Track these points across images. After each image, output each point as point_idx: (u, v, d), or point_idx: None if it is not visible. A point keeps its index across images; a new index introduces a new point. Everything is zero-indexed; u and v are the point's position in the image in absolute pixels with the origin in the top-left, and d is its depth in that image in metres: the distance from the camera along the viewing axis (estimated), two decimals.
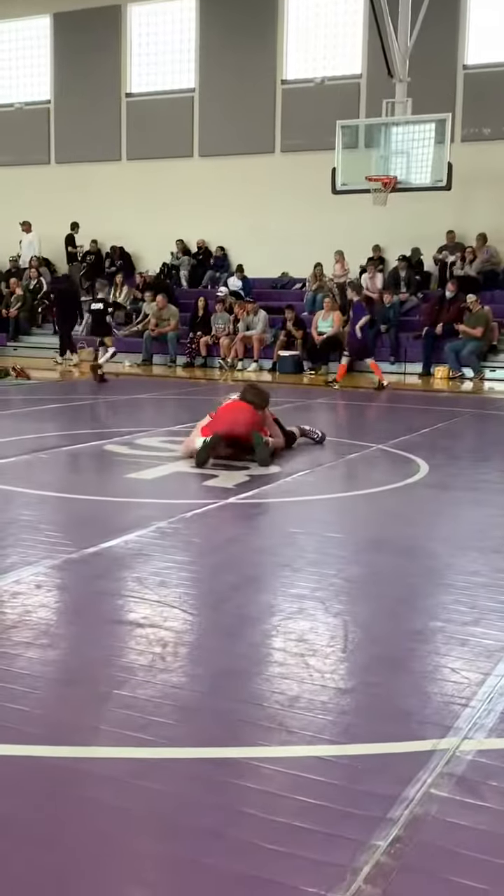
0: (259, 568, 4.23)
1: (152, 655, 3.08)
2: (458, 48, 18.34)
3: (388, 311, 16.90)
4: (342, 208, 17.32)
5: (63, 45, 22.09)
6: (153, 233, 20.97)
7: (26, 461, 6.95)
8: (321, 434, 7.92)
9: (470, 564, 4.38)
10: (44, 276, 20.73)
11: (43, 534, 4.67)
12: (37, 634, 3.26)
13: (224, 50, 20.25)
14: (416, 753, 2.45)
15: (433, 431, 9.21)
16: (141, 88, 21.52)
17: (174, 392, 13.10)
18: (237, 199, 20.09)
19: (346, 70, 19.43)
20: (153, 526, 4.88)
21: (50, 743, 2.48)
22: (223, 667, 3.02)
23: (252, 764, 2.39)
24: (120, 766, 2.38)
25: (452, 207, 17.50)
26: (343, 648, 3.22)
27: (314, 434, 7.91)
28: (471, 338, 15.42)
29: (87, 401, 11.75)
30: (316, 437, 7.89)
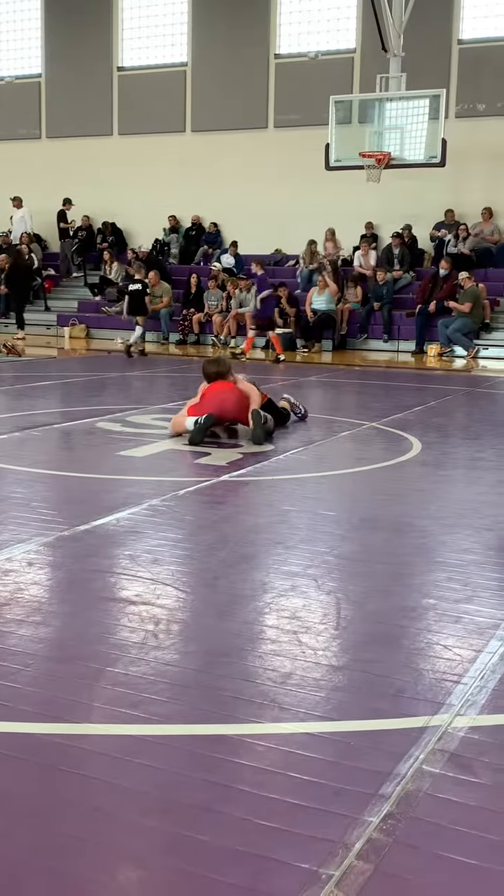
0: (252, 546, 4.23)
1: (145, 633, 3.08)
2: (453, 23, 18.18)
3: (382, 288, 16.85)
4: (336, 185, 17.23)
5: (54, 17, 21.83)
6: (145, 209, 20.85)
7: (18, 438, 6.93)
8: (304, 410, 7.87)
9: (462, 542, 4.39)
10: (35, 253, 20.58)
11: (35, 511, 4.66)
12: (29, 612, 3.25)
13: (217, 24, 20.04)
14: (409, 730, 2.46)
15: (426, 409, 9.21)
16: (133, 63, 21.31)
17: (166, 369, 13.06)
18: (230, 175, 19.95)
19: (340, 45, 19.26)
20: (146, 503, 4.88)
21: (43, 720, 2.48)
22: (216, 644, 3.02)
23: (245, 741, 2.39)
24: (113, 742, 2.38)
25: (446, 184, 17.42)
26: (336, 626, 3.22)
27: (298, 410, 7.86)
28: (460, 314, 15.41)
29: (79, 378, 11.71)
30: (299, 413, 7.84)
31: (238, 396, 6.99)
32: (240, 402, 6.96)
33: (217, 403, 6.91)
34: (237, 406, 6.95)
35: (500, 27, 17.90)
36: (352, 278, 17.56)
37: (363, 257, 18.01)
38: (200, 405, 6.93)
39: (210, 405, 6.88)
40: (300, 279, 18.26)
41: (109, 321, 18.72)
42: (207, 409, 6.85)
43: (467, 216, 17.81)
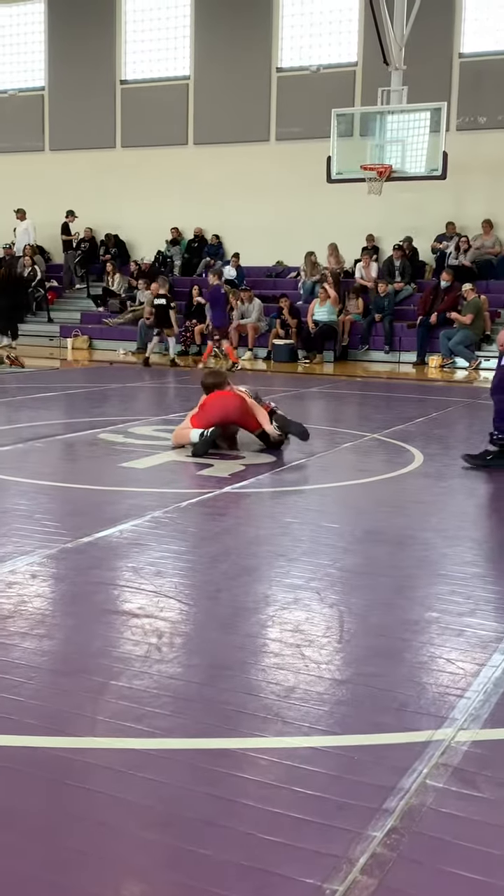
0: (254, 558, 4.24)
1: (148, 646, 3.08)
2: (454, 36, 18.28)
3: (383, 300, 16.89)
4: (337, 197, 17.28)
5: (57, 31, 21.95)
6: (148, 221, 20.92)
7: (21, 450, 6.94)
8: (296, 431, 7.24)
9: (465, 554, 4.39)
10: (38, 265, 20.66)
11: (38, 523, 4.67)
12: (32, 624, 3.26)
13: (219, 37, 20.15)
14: (412, 744, 2.46)
15: (428, 421, 9.22)
16: (136, 76, 21.42)
17: (168, 380, 13.08)
18: (232, 187, 20.02)
19: (341, 58, 19.36)
20: (148, 515, 4.88)
21: (47, 734, 2.48)
22: (219, 657, 3.02)
23: (248, 755, 2.39)
24: (117, 756, 2.38)
25: (448, 196, 17.48)
26: (339, 639, 3.22)
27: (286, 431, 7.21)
28: (462, 326, 15.44)
29: (82, 389, 11.73)
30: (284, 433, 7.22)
31: (239, 402, 7.00)
32: (242, 407, 6.97)
33: (220, 409, 6.93)
34: (239, 411, 6.96)
35: (501, 41, 17.98)
36: (353, 290, 17.61)
37: (364, 269, 18.06)
38: (203, 414, 6.94)
39: (213, 412, 6.90)
40: (302, 291, 18.31)
41: (112, 332, 18.77)
42: (210, 416, 6.86)
43: (468, 228, 17.87)
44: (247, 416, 6.99)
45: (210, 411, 6.92)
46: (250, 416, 7.00)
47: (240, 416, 6.99)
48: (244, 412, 6.98)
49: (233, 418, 6.98)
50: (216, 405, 6.98)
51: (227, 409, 6.94)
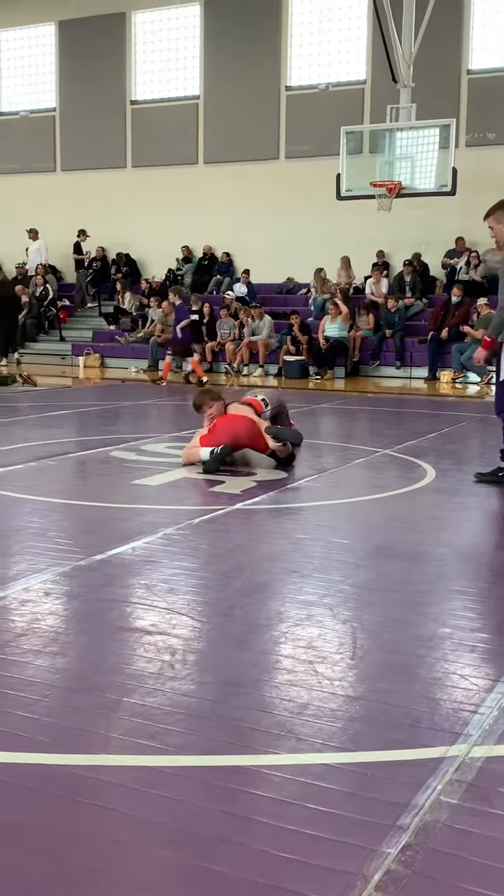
0: (267, 574, 4.24)
1: (161, 663, 3.08)
2: (463, 53, 18.40)
3: (394, 315, 16.93)
4: (347, 214, 17.37)
5: (68, 52, 22.20)
6: (159, 239, 21.07)
7: (34, 468, 6.97)
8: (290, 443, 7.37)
9: (479, 570, 4.38)
10: (50, 284, 20.82)
11: (51, 541, 4.69)
12: (46, 642, 3.27)
13: (228, 57, 20.33)
14: (426, 760, 2.45)
15: (440, 436, 9.22)
16: (146, 96, 21.63)
17: (180, 397, 13.12)
18: (242, 205, 20.15)
19: (350, 76, 19.50)
20: (161, 532, 4.90)
21: (60, 751, 2.49)
22: (232, 674, 3.02)
23: (262, 772, 2.39)
24: (130, 773, 2.38)
25: (457, 212, 17.53)
26: (352, 655, 3.22)
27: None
28: (474, 340, 15.44)
29: (94, 407, 11.78)
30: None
31: (250, 425, 7.02)
32: (252, 429, 7.00)
33: (229, 432, 6.94)
34: (249, 433, 6.99)
35: None
36: (363, 306, 17.66)
37: (375, 285, 18.11)
38: (212, 435, 6.96)
39: (222, 435, 6.92)
40: (313, 307, 18.37)
41: (123, 350, 18.87)
42: (219, 438, 6.88)
43: (478, 244, 17.89)
44: (257, 437, 7.00)
45: (219, 434, 6.94)
46: (260, 438, 7.01)
47: (249, 439, 7.00)
48: (254, 434, 7.00)
49: (243, 441, 7.00)
50: (225, 427, 7.00)
51: (236, 432, 6.96)
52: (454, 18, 18.04)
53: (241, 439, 6.98)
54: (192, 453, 6.99)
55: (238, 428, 6.99)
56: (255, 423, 7.06)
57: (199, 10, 20.71)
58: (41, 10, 22.15)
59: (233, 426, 7.00)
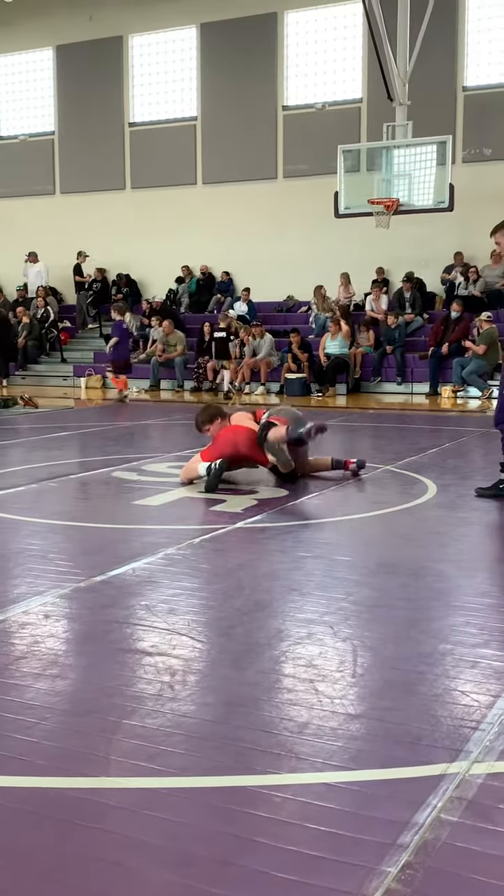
0: (268, 593, 4.23)
1: (161, 684, 3.08)
2: (458, 70, 18.53)
3: (394, 332, 16.98)
4: (346, 231, 17.46)
5: (66, 76, 22.39)
6: (159, 260, 21.17)
7: (35, 490, 6.99)
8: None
9: (479, 585, 4.37)
10: (51, 306, 20.92)
11: (52, 563, 4.69)
12: (45, 665, 3.27)
13: (225, 78, 20.50)
14: (427, 778, 2.45)
15: (441, 451, 9.22)
16: (144, 118, 21.79)
17: (182, 417, 13.13)
18: (241, 224, 20.26)
19: (346, 95, 19.64)
20: (161, 553, 4.90)
21: (60, 774, 2.48)
22: (232, 695, 3.01)
23: (262, 792, 2.38)
24: (130, 796, 2.38)
25: (455, 228, 17.61)
26: (352, 673, 3.21)
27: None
28: (476, 355, 15.47)
29: (96, 427, 11.80)
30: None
31: (251, 435, 7.03)
32: (252, 441, 7.01)
33: (230, 443, 6.96)
34: (249, 445, 6.99)
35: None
36: (363, 322, 17.71)
37: (375, 301, 18.17)
38: (213, 448, 6.98)
39: (222, 447, 6.93)
40: (314, 325, 18.42)
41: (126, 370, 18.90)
42: (220, 450, 6.90)
43: (477, 259, 17.97)
44: (257, 450, 7.02)
45: (220, 445, 6.96)
46: (261, 450, 7.02)
47: (250, 450, 7.02)
48: (255, 446, 7.01)
49: (243, 452, 7.01)
50: (226, 439, 7.02)
51: (237, 444, 6.97)
52: (449, 36, 18.19)
53: (240, 449, 6.98)
54: (190, 469, 7.00)
55: (239, 439, 7.00)
56: (253, 435, 7.05)
57: (195, 32, 20.90)
58: (39, 35, 22.36)
59: (234, 437, 7.02)
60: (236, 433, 7.07)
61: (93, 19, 21.57)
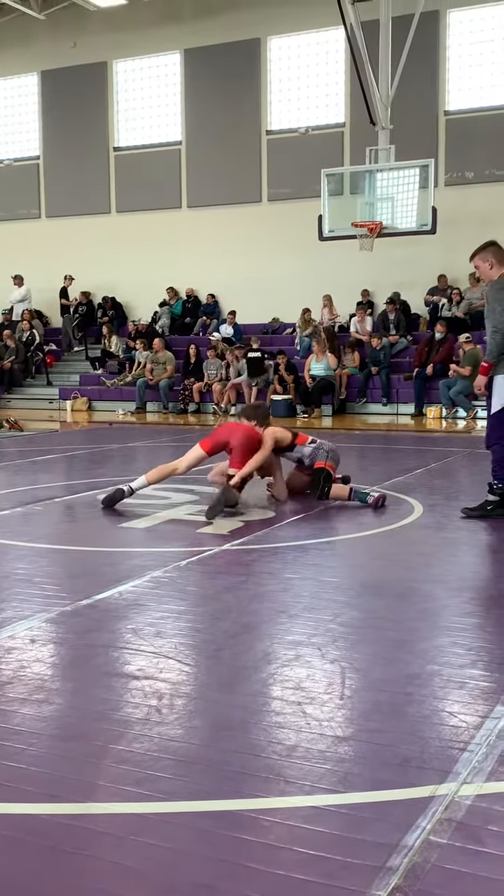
0: (255, 615, 4.23)
1: (148, 708, 3.06)
2: (439, 95, 18.73)
3: (379, 353, 17.06)
4: (330, 254, 17.57)
5: (51, 101, 22.51)
6: (144, 282, 21.24)
7: (21, 514, 6.96)
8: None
9: (466, 606, 4.38)
10: (36, 329, 20.93)
11: (38, 587, 4.67)
12: (32, 690, 3.24)
13: (209, 103, 20.65)
14: (415, 800, 2.44)
15: (427, 472, 9.25)
16: (129, 142, 21.91)
17: (168, 439, 13.13)
18: (226, 248, 20.36)
19: (329, 119, 19.82)
20: (148, 575, 4.88)
21: (46, 800, 2.46)
22: (220, 718, 3.00)
23: (250, 816, 2.37)
24: (118, 821, 2.36)
25: (439, 250, 17.75)
26: (340, 695, 3.20)
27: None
28: (461, 376, 15.55)
29: (81, 450, 11.78)
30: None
31: (251, 434, 7.13)
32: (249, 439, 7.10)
33: (226, 433, 7.22)
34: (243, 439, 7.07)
35: (485, 98, 18.45)
36: (348, 344, 17.80)
37: (359, 323, 18.26)
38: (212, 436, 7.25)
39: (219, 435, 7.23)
40: (300, 347, 18.49)
41: (111, 393, 18.92)
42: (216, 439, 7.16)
43: (460, 281, 18.11)
44: (245, 450, 7.04)
45: (218, 434, 7.25)
46: (246, 453, 7.03)
47: (239, 445, 7.06)
48: (246, 447, 7.04)
49: (232, 444, 7.11)
50: (225, 429, 7.33)
51: (232, 434, 7.15)
52: (430, 61, 18.40)
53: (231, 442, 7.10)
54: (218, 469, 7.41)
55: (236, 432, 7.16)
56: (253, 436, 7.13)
57: (179, 57, 21.07)
58: (24, 60, 22.49)
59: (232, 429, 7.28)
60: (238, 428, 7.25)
61: (77, 45, 21.73)
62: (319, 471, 7.22)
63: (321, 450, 7.31)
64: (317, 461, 7.26)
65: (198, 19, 20.44)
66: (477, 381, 6.72)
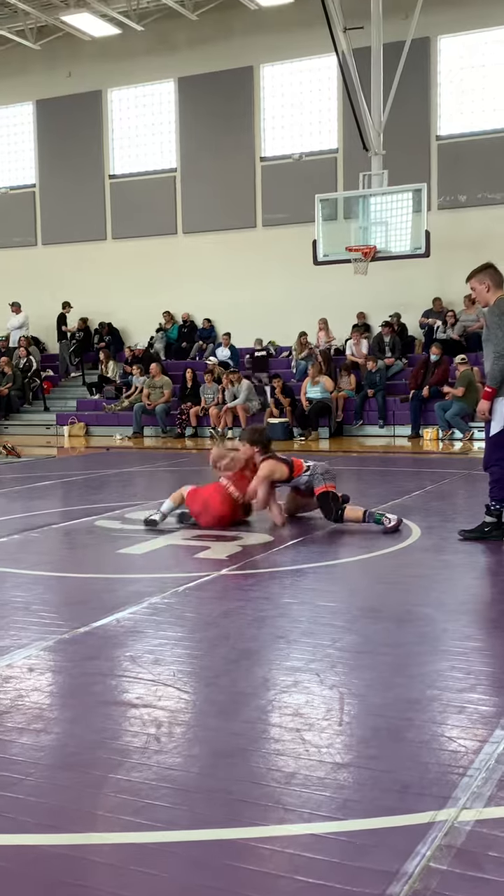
0: (253, 641, 4.22)
1: (147, 737, 3.06)
2: (431, 120, 18.92)
3: (375, 375, 17.12)
4: (325, 278, 17.66)
5: (46, 130, 22.71)
6: (140, 308, 21.35)
7: (18, 541, 6.95)
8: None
9: (464, 629, 4.38)
10: (33, 355, 21.01)
11: (35, 615, 4.66)
12: (30, 719, 3.24)
13: (203, 130, 20.84)
14: (415, 826, 2.43)
15: (424, 494, 9.25)
16: (124, 170, 22.08)
17: (165, 464, 13.15)
18: (222, 273, 20.48)
19: (322, 145, 20.00)
20: (146, 602, 4.88)
21: (44, 831, 2.45)
22: (219, 746, 2.99)
23: (249, 844, 2.36)
24: (117, 852, 2.35)
25: (433, 273, 17.86)
26: (339, 721, 3.20)
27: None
28: (455, 398, 15.60)
29: (79, 476, 11.79)
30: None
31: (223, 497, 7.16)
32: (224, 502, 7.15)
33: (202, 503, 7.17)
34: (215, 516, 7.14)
35: (476, 123, 18.65)
36: (344, 367, 17.86)
37: (355, 346, 18.34)
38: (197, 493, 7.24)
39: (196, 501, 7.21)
40: (296, 370, 18.56)
41: (108, 418, 18.95)
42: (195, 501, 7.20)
43: (455, 303, 18.21)
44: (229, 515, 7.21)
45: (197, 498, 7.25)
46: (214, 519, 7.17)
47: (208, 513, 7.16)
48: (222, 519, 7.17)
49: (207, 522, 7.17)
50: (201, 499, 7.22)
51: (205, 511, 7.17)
52: (422, 87, 18.61)
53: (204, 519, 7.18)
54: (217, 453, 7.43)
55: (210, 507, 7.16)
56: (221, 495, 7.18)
57: (173, 85, 21.28)
58: (19, 90, 22.70)
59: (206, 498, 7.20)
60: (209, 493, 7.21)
61: (72, 75, 21.95)
62: (324, 495, 7.18)
63: (316, 474, 7.26)
64: (315, 487, 7.23)
65: (191, 48, 20.67)
66: (480, 407, 6.71)
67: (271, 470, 7.14)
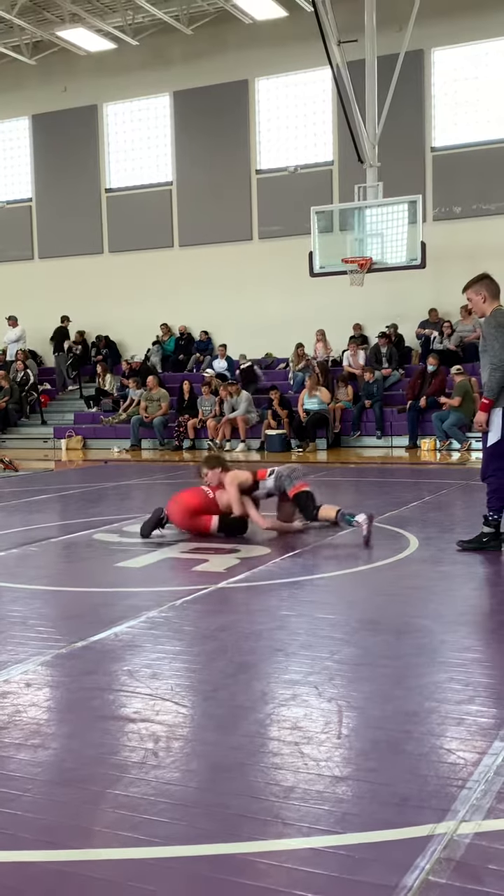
0: (251, 654, 4.21)
1: (145, 751, 3.05)
2: (425, 132, 19.01)
3: (372, 386, 17.14)
4: (321, 289, 17.71)
5: (42, 144, 22.79)
6: (137, 321, 21.39)
7: (16, 555, 6.94)
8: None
9: (463, 641, 4.37)
10: (30, 369, 21.03)
11: (33, 629, 4.65)
12: (27, 735, 3.23)
13: (199, 143, 20.93)
14: (414, 839, 2.42)
15: (422, 504, 9.25)
16: (120, 184, 22.16)
17: (162, 476, 13.14)
18: (219, 285, 20.53)
19: (318, 158, 20.08)
20: (143, 615, 4.87)
21: (42, 847, 2.44)
22: (217, 760, 2.99)
23: (248, 859, 2.35)
24: (116, 867, 2.34)
25: (429, 284, 17.92)
26: (337, 734, 3.19)
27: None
28: (452, 408, 15.62)
29: (77, 489, 11.78)
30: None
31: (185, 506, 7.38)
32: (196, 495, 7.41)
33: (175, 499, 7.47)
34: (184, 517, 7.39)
35: (470, 134, 18.73)
36: (341, 378, 17.89)
37: (352, 357, 18.37)
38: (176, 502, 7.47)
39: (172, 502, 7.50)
40: (293, 382, 18.58)
41: (106, 431, 18.95)
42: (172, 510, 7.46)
43: (451, 314, 18.26)
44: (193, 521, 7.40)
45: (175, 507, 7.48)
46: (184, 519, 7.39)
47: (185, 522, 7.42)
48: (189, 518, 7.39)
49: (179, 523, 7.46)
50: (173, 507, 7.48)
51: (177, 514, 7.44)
52: (416, 99, 18.70)
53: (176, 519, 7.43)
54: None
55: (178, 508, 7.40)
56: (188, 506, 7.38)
57: (168, 99, 21.38)
58: (15, 105, 22.80)
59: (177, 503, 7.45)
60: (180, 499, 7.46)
61: (67, 89, 22.05)
62: (300, 495, 7.38)
63: (282, 477, 7.46)
64: (288, 489, 7.40)
65: (186, 62, 20.77)
66: (477, 418, 6.71)
67: (235, 475, 7.44)
